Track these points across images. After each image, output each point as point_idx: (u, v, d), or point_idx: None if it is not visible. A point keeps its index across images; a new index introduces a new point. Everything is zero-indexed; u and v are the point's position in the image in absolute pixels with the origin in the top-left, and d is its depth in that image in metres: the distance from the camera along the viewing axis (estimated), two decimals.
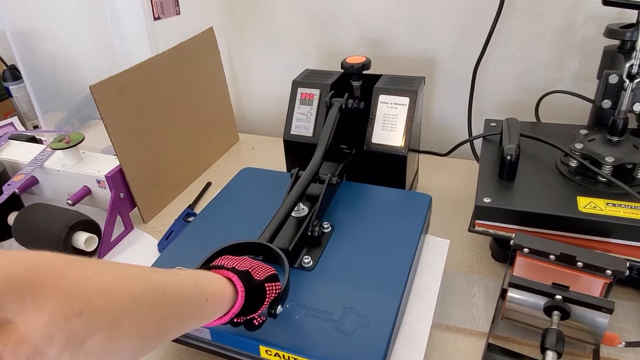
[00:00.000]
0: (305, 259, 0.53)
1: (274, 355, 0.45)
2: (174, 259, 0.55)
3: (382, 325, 0.46)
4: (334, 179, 0.61)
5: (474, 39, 0.85)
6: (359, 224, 0.59)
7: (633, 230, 0.51)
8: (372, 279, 0.51)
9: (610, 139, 0.59)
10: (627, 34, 0.64)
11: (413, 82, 0.68)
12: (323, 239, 0.56)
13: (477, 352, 0.52)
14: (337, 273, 0.52)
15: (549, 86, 0.84)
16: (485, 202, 0.56)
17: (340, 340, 0.45)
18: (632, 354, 0.50)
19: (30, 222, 0.69)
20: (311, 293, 0.50)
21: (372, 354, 0.43)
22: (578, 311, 0.47)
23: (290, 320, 0.47)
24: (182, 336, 0.49)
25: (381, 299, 0.48)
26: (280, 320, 0.46)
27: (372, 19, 0.90)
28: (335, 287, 0.50)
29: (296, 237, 0.54)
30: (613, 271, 0.47)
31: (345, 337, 0.45)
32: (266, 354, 0.46)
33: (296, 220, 0.57)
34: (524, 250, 0.51)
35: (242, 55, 1.05)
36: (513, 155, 0.59)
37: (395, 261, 0.53)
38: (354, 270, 0.52)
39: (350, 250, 0.55)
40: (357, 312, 0.47)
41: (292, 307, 0.48)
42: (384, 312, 0.47)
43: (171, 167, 0.83)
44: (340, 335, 0.45)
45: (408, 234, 0.56)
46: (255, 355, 0.46)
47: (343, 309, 0.47)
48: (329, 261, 0.54)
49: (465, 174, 0.83)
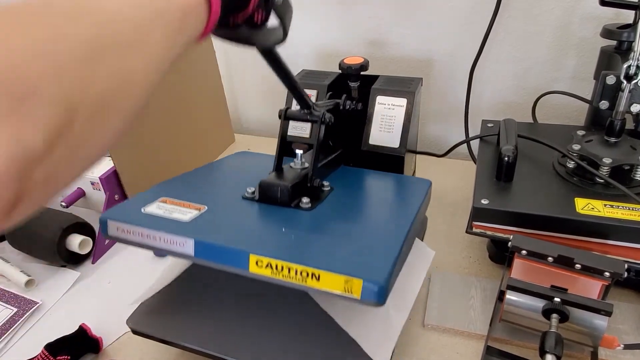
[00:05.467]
0: (304, 200, 0.50)
1: (266, 267, 0.41)
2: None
3: (387, 249, 0.42)
4: (327, 116, 0.55)
5: (470, 40, 0.84)
6: (358, 194, 0.57)
7: (631, 232, 0.51)
8: (373, 227, 0.48)
9: (608, 140, 0.59)
10: (624, 34, 0.64)
11: (410, 83, 0.68)
12: (322, 195, 0.54)
13: (475, 355, 0.52)
14: (337, 217, 0.49)
15: (546, 86, 0.84)
16: (482, 204, 0.56)
17: (342, 254, 0.41)
18: (631, 356, 0.50)
19: (23, 224, 0.68)
20: (309, 229, 0.46)
21: (379, 265, 0.40)
22: (577, 314, 0.47)
23: (284, 237, 0.44)
24: (176, 337, 0.49)
25: (384, 237, 0.45)
26: (273, 237, 0.44)
27: (369, 18, 0.90)
28: (335, 225, 0.47)
29: (296, 179, 0.51)
30: (611, 273, 0.47)
31: (348, 253, 0.41)
32: (256, 266, 0.41)
33: (294, 170, 0.55)
34: (522, 252, 0.51)
35: (238, 55, 1.05)
36: (511, 156, 0.58)
37: (395, 220, 0.50)
38: (354, 218, 0.50)
39: (350, 207, 0.52)
40: (359, 239, 0.44)
41: (287, 233, 0.45)
42: (388, 242, 0.43)
43: (166, 168, 0.82)
44: (342, 250, 0.42)
45: (407, 205, 0.54)
46: (243, 269, 0.42)
47: (345, 236, 0.45)
48: (327, 210, 0.51)
49: (463, 175, 0.83)
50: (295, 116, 0.57)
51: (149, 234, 0.45)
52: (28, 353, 0.54)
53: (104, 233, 0.47)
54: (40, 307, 0.62)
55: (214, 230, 0.45)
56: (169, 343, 0.50)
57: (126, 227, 0.46)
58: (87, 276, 0.67)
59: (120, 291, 0.64)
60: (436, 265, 0.64)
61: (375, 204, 0.56)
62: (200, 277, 0.57)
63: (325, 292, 0.39)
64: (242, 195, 0.52)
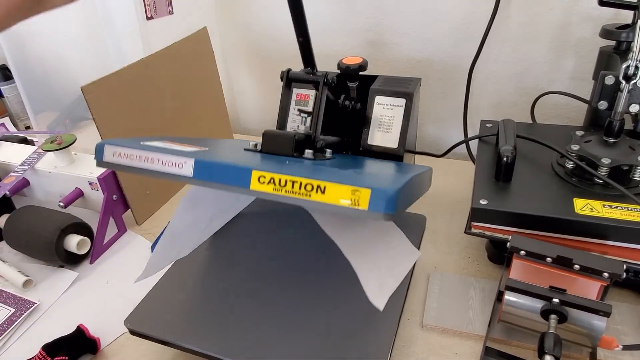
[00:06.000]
0: (308, 151, 0.49)
1: (268, 183, 0.39)
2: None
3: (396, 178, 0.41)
4: (330, 76, 0.54)
5: (469, 40, 0.84)
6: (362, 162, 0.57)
7: (630, 233, 0.51)
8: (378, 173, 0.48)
9: (607, 140, 0.58)
10: (622, 34, 0.64)
11: (409, 84, 0.68)
12: (324, 156, 0.52)
13: (474, 356, 0.52)
14: (341, 166, 0.48)
15: (544, 87, 0.84)
16: (481, 204, 0.56)
17: (349, 174, 0.40)
18: (629, 356, 0.50)
19: (21, 224, 0.68)
20: (313, 168, 0.45)
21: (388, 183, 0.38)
22: (575, 314, 0.47)
23: (287, 166, 0.43)
24: (173, 337, 0.49)
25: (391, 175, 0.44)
26: (275, 164, 0.42)
27: (367, 19, 0.90)
28: (340, 168, 0.46)
29: (301, 136, 0.50)
30: (610, 274, 0.47)
31: (355, 174, 0.40)
32: (258, 182, 0.39)
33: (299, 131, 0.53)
34: (521, 253, 0.51)
35: (236, 55, 1.05)
36: (509, 156, 0.58)
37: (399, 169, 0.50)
38: (360, 169, 0.49)
39: (354, 165, 0.52)
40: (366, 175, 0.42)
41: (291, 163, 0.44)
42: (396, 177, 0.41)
43: None
44: (349, 172, 0.40)
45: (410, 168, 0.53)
46: (244, 187, 0.40)
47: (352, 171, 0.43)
48: (331, 163, 0.49)
49: (461, 175, 0.83)
50: (298, 77, 0.56)
51: (147, 156, 0.43)
52: (26, 353, 0.54)
53: (99, 159, 0.46)
54: (38, 307, 0.62)
55: (215, 158, 0.43)
56: (167, 344, 0.50)
57: (124, 151, 0.44)
58: (85, 276, 0.67)
59: (118, 292, 0.64)
60: (435, 265, 0.64)
61: (379, 165, 0.54)
62: (198, 278, 0.57)
63: (330, 207, 0.36)
64: (244, 148, 0.51)
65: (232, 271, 0.57)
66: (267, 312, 0.51)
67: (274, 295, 0.53)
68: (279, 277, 0.55)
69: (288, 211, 0.66)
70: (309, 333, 0.49)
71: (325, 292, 0.53)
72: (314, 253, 0.58)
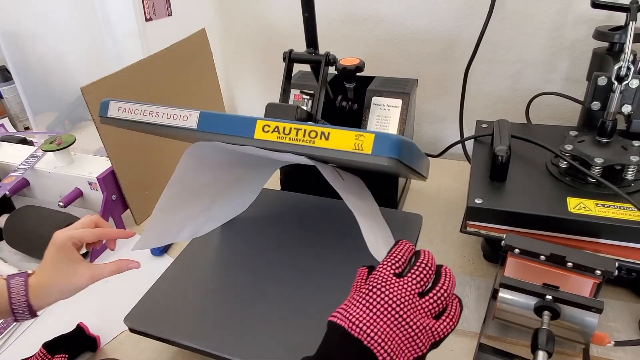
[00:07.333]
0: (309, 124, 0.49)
1: (273, 131, 0.39)
2: None
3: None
4: (331, 56, 0.54)
5: (465, 41, 0.85)
6: None
7: (622, 231, 0.52)
8: None
9: (600, 140, 0.59)
10: (615, 36, 0.65)
11: (406, 84, 0.69)
12: None
13: (468, 352, 0.52)
14: None
15: (539, 87, 0.85)
16: (476, 203, 0.57)
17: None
18: (622, 352, 0.51)
19: (21, 224, 0.69)
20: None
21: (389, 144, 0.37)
22: (568, 311, 0.47)
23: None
24: (173, 335, 0.49)
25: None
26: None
27: (364, 19, 0.91)
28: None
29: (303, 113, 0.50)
30: (602, 271, 0.47)
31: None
32: (262, 131, 0.39)
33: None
34: (515, 251, 0.51)
35: (235, 57, 1.05)
36: (504, 156, 0.59)
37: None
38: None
39: None
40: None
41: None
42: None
43: (163, 168, 0.82)
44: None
45: None
46: (248, 137, 0.40)
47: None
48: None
49: (457, 175, 0.84)
50: (300, 57, 0.56)
51: (152, 110, 0.44)
52: (26, 352, 0.54)
53: (102, 116, 0.46)
54: None
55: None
56: (166, 341, 0.50)
57: (128, 106, 0.44)
58: None
59: (118, 290, 0.65)
60: None
61: None
62: (198, 276, 0.58)
63: (334, 152, 0.37)
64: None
65: (231, 270, 0.58)
66: (266, 310, 0.52)
67: (273, 294, 0.54)
68: (278, 276, 0.56)
69: (288, 211, 0.67)
70: (308, 331, 0.49)
71: (324, 291, 0.53)
72: (313, 253, 0.59)
